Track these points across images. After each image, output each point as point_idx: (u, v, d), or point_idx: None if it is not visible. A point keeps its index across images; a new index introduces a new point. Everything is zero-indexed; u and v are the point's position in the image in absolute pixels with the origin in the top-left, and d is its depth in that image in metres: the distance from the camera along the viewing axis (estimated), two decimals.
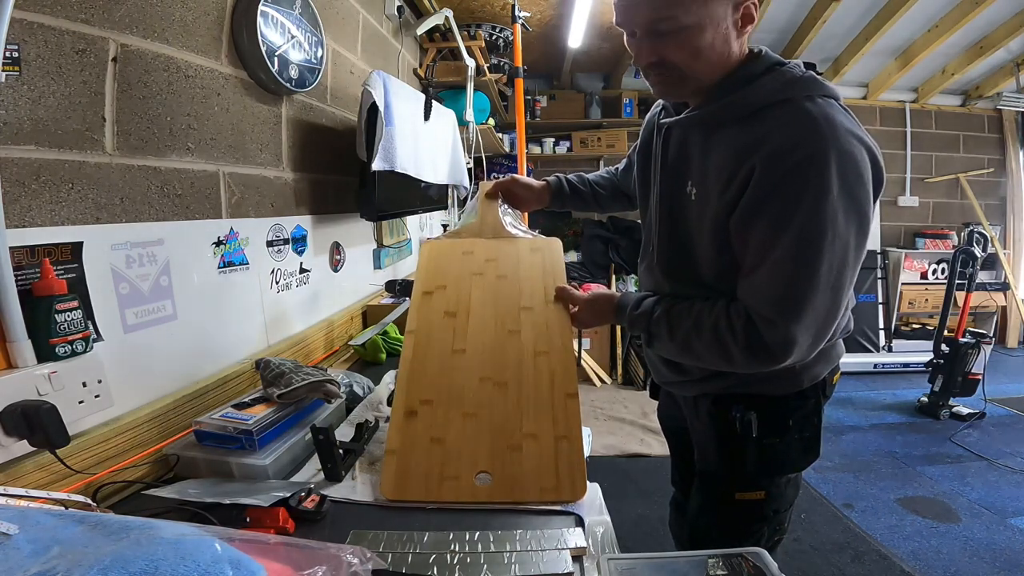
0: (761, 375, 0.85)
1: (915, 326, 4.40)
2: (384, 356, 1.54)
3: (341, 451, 0.87)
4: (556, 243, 1.15)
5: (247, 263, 1.20)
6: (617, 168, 1.28)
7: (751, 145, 0.76)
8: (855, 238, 0.75)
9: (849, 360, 3.90)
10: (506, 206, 1.21)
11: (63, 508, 0.61)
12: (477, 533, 0.70)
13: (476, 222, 1.17)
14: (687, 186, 0.88)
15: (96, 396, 0.78)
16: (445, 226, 2.82)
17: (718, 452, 0.98)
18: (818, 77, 0.79)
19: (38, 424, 0.67)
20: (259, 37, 1.13)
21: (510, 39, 2.75)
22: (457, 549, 0.67)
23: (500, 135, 3.57)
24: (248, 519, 0.71)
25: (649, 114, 1.04)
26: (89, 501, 0.69)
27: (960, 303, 3.30)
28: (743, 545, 0.82)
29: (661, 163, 0.94)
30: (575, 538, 0.69)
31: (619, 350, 3.69)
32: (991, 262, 4.25)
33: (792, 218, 0.73)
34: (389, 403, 1.16)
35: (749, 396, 0.92)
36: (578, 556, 0.66)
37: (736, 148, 0.78)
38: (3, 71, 0.67)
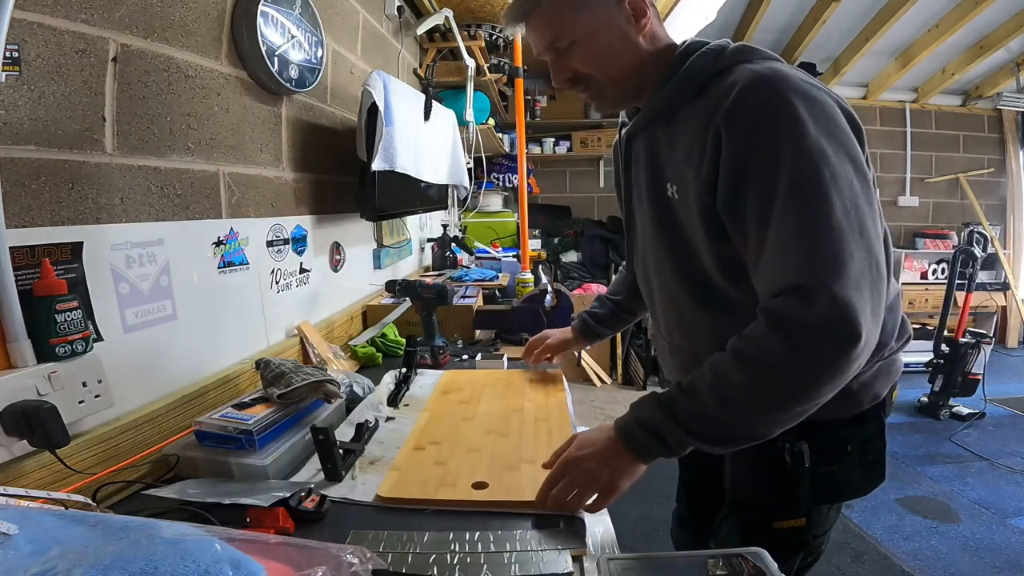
0: None
1: (915, 326, 4.38)
2: (380, 358, 1.54)
3: (341, 451, 0.87)
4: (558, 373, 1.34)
5: (247, 263, 1.20)
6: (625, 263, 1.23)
7: (709, 112, 0.72)
8: (857, 179, 0.66)
9: None
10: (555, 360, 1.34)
11: (63, 508, 0.61)
12: (477, 533, 0.70)
13: None
14: (667, 189, 0.81)
15: (96, 396, 0.78)
16: (445, 226, 2.82)
17: (760, 484, 0.86)
18: (751, 45, 0.77)
19: (38, 424, 0.67)
20: (259, 37, 1.13)
21: (510, 39, 2.75)
22: (457, 549, 0.67)
23: (500, 135, 3.56)
24: (248, 519, 0.71)
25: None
26: (89, 501, 0.69)
27: (960, 303, 3.30)
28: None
29: (634, 174, 0.90)
30: (575, 538, 0.69)
31: (619, 350, 3.69)
32: (991, 262, 4.25)
33: (778, 168, 0.65)
34: (389, 403, 1.17)
35: (798, 425, 0.70)
36: (578, 556, 0.66)
37: (696, 121, 0.74)
38: (3, 71, 0.67)
